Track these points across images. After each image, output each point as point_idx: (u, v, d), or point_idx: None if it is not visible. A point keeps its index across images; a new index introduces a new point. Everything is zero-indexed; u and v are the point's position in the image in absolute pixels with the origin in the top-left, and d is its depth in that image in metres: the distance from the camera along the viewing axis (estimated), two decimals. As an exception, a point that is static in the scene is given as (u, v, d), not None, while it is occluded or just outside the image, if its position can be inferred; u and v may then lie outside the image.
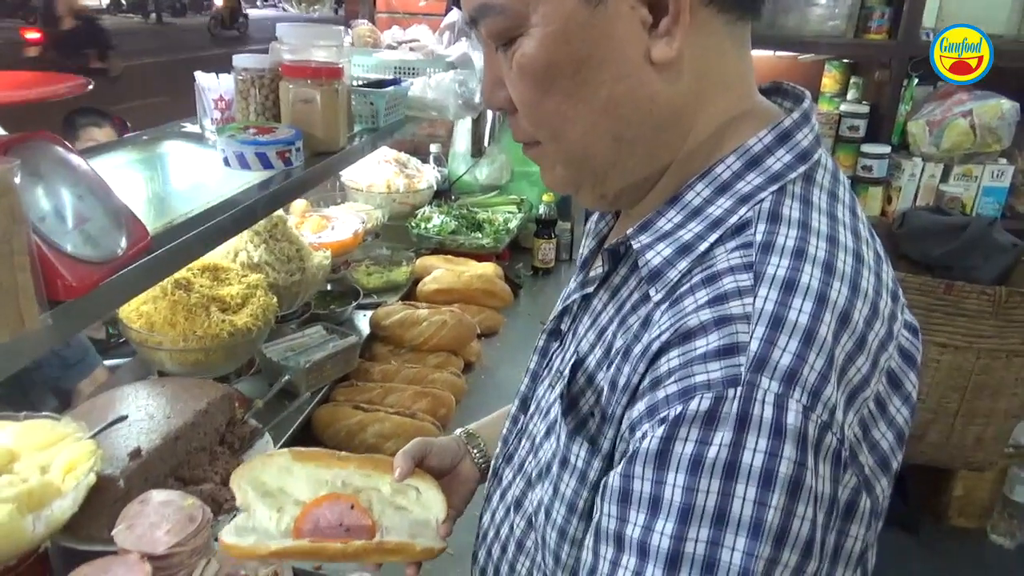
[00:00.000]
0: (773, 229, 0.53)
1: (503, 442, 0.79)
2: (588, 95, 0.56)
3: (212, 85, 1.31)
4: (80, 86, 0.63)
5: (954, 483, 2.57)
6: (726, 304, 0.50)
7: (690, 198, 0.58)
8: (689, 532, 0.46)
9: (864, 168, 2.60)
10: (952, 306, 2.18)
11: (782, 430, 0.45)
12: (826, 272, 0.51)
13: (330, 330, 1.65)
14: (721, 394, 0.46)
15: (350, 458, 0.82)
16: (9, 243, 0.61)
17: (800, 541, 0.46)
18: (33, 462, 0.93)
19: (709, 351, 0.48)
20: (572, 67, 0.55)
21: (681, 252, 0.56)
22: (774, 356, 0.47)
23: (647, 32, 0.54)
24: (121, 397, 1.18)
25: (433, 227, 2.31)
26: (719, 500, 0.45)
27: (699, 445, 0.46)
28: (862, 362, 0.51)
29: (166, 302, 1.30)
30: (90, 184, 0.78)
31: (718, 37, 0.57)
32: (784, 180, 0.56)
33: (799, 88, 0.65)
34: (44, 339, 0.66)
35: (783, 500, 0.45)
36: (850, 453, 0.49)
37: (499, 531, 0.74)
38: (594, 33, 0.54)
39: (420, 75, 1.81)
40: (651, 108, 0.57)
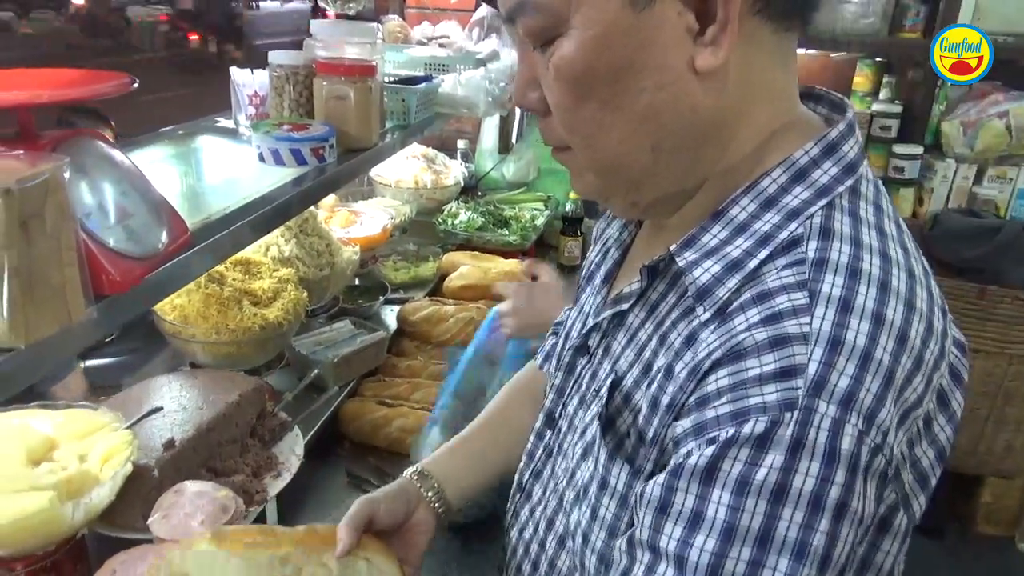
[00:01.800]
0: (826, 246, 0.52)
1: (528, 457, 0.78)
2: (627, 103, 0.54)
3: (247, 81, 1.33)
4: (126, 85, 0.63)
5: (982, 490, 2.53)
6: (782, 323, 0.49)
7: (735, 213, 0.56)
8: (731, 551, 0.46)
9: (896, 169, 2.56)
10: (984, 311, 2.15)
11: (836, 455, 0.45)
12: (881, 290, 0.50)
13: (358, 325, 1.66)
14: (778, 418, 0.46)
15: (285, 533, 0.73)
16: (58, 239, 0.63)
17: (840, 562, 0.46)
18: (72, 451, 0.95)
19: (765, 373, 0.47)
20: (612, 73, 0.53)
21: (730, 269, 0.54)
22: (832, 379, 0.46)
23: (692, 40, 0.52)
24: (155, 388, 1.19)
25: (460, 223, 2.32)
26: (764, 521, 0.45)
27: (748, 466, 0.46)
28: (918, 381, 0.50)
29: (199, 295, 1.32)
30: (132, 180, 0.80)
31: (764, 48, 0.55)
32: (832, 194, 0.55)
33: (836, 95, 0.63)
34: (89, 332, 0.68)
35: (829, 524, 0.45)
36: (895, 471, 0.49)
37: (529, 549, 0.74)
38: (637, 39, 0.52)
39: (450, 72, 1.81)
40: (692, 118, 0.55)
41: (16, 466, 0.90)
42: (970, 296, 2.13)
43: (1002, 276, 2.24)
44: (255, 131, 1.15)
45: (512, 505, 0.79)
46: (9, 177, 0.58)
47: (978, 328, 2.16)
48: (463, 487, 0.88)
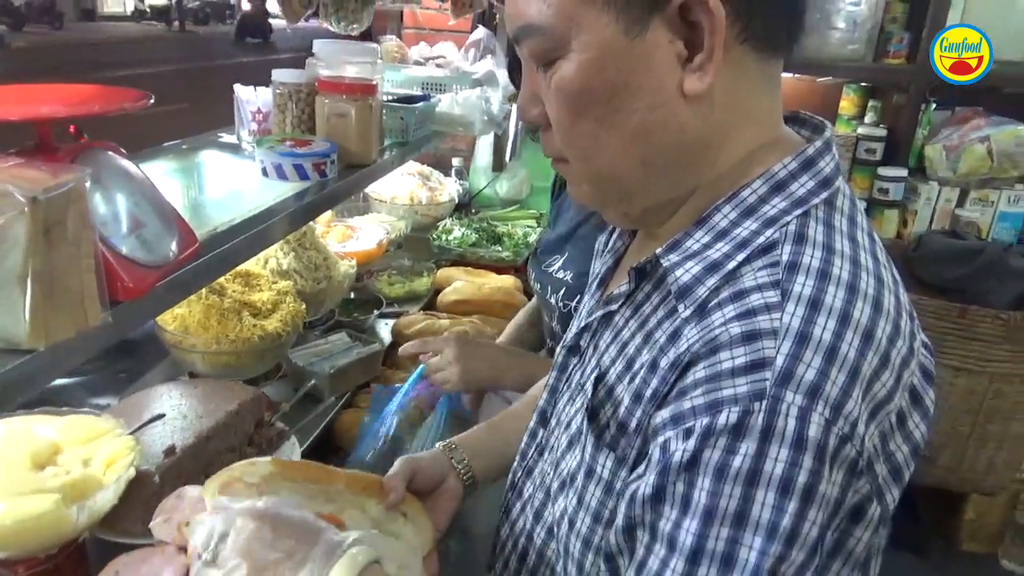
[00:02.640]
0: (799, 250, 0.56)
1: (521, 456, 0.82)
2: (620, 121, 0.59)
3: (250, 97, 1.36)
4: (143, 102, 0.65)
5: (966, 507, 2.56)
6: (754, 319, 0.53)
7: (717, 220, 0.60)
8: (711, 531, 0.50)
9: (880, 191, 2.62)
10: (966, 330, 2.19)
11: (803, 441, 0.49)
12: (849, 292, 0.54)
13: (354, 337, 1.69)
14: (748, 408, 0.50)
15: (335, 473, 0.80)
16: (78, 246, 0.66)
17: (809, 542, 0.50)
18: (76, 455, 0.97)
19: (736, 366, 0.51)
20: (607, 93, 0.58)
21: (710, 270, 0.58)
22: (799, 371, 0.50)
23: (681, 65, 0.57)
24: (155, 396, 1.21)
25: (454, 239, 2.36)
26: (740, 504, 0.49)
27: (725, 454, 0.50)
28: (887, 378, 0.53)
29: (200, 306, 1.34)
30: (144, 191, 0.83)
31: (749, 73, 0.59)
32: (808, 205, 0.59)
33: (818, 118, 0.68)
34: (104, 336, 0.71)
35: (797, 506, 0.49)
36: (867, 463, 0.52)
37: (518, 542, 0.77)
38: (630, 63, 0.56)
39: (447, 91, 1.86)
40: (681, 137, 0.59)
41: (21, 470, 0.92)
42: (952, 316, 2.18)
43: (984, 297, 2.29)
44: (259, 146, 1.18)
45: (504, 503, 0.82)
46: (35, 187, 0.61)
47: (960, 347, 2.21)
48: (488, 465, 0.94)
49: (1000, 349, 2.20)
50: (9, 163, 0.65)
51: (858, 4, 2.51)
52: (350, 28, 1.40)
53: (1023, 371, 2.23)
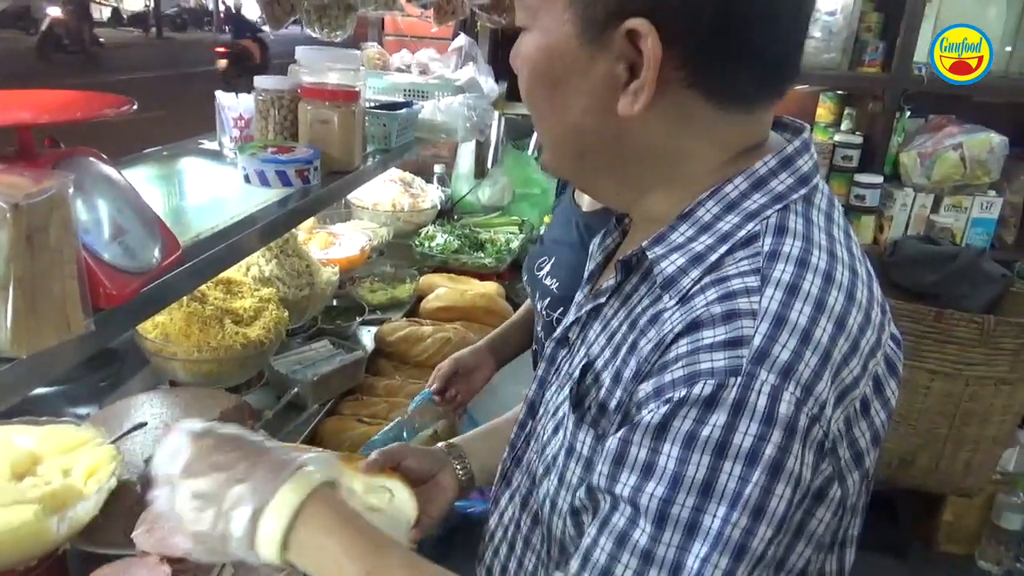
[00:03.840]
0: (780, 240, 0.58)
1: (511, 447, 0.82)
2: (558, 110, 0.63)
3: (232, 104, 1.36)
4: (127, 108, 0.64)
5: (944, 509, 2.60)
6: (735, 300, 0.55)
7: (701, 214, 0.62)
8: (677, 497, 0.51)
9: (857, 197, 2.66)
10: (942, 334, 2.23)
11: (773, 418, 0.51)
12: (825, 280, 0.56)
13: (337, 344, 1.68)
14: (723, 382, 0.51)
15: (324, 452, 0.83)
16: (60, 253, 0.65)
17: (776, 516, 0.51)
18: (56, 465, 0.96)
19: (716, 342, 0.53)
20: (550, 81, 0.62)
21: (694, 262, 0.60)
22: (774, 351, 0.52)
23: (621, 84, 0.59)
24: (136, 405, 1.21)
25: (436, 246, 2.36)
26: (707, 473, 0.51)
27: (695, 424, 0.51)
28: (855, 364, 0.56)
29: (181, 313, 1.33)
30: (127, 198, 0.82)
31: (704, 114, 0.60)
32: (787, 200, 0.61)
33: (798, 121, 0.70)
34: (87, 344, 0.70)
35: (764, 478, 0.50)
36: (832, 445, 0.54)
37: (507, 531, 0.78)
38: (574, 65, 0.60)
39: (429, 98, 1.86)
40: (617, 147, 0.63)
41: (0, 480, 0.91)
42: (928, 320, 2.21)
43: (958, 301, 2.33)
44: (241, 153, 1.18)
45: (494, 494, 0.82)
46: (17, 192, 0.60)
47: (936, 351, 2.24)
48: (486, 465, 0.94)
49: (975, 352, 2.24)
50: (-10, 169, 0.65)
51: (834, 14, 2.55)
52: (333, 35, 1.40)
53: (998, 374, 2.27)
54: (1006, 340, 2.21)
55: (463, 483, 0.93)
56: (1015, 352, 2.22)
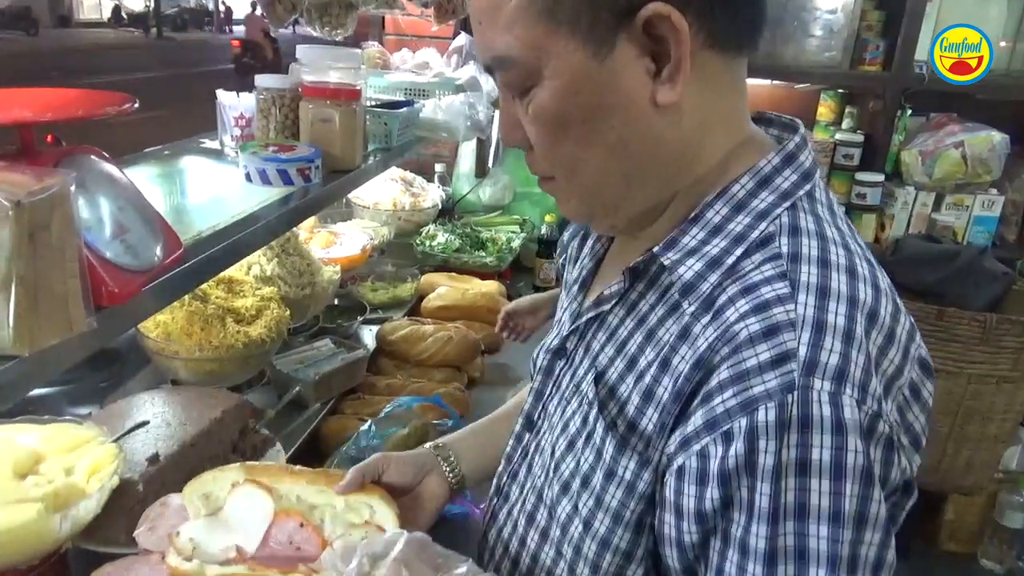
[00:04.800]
0: (797, 241, 0.58)
1: (507, 460, 0.81)
2: (599, 140, 0.60)
3: (232, 103, 1.36)
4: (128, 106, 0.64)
5: (945, 507, 2.59)
6: (770, 312, 0.54)
7: (710, 216, 0.62)
8: (779, 530, 0.51)
9: (858, 196, 2.66)
10: (944, 332, 2.22)
11: (842, 425, 0.50)
12: (850, 276, 0.56)
13: (338, 343, 1.68)
14: (783, 401, 0.51)
15: (303, 472, 0.80)
16: (62, 251, 0.65)
17: (880, 521, 0.51)
18: (58, 464, 0.95)
19: (762, 362, 0.52)
20: (583, 115, 0.59)
21: (711, 266, 0.60)
22: (822, 358, 0.51)
23: (652, 79, 0.58)
24: (138, 404, 1.20)
25: (437, 245, 2.36)
26: (797, 495, 0.50)
27: (774, 453, 0.50)
28: (893, 353, 0.55)
29: (183, 312, 1.33)
30: (129, 196, 0.82)
31: (717, 76, 0.61)
32: (793, 198, 0.61)
33: (787, 117, 0.70)
34: (89, 342, 0.70)
35: (857, 488, 0.50)
36: (897, 438, 0.53)
37: (508, 547, 0.76)
38: (602, 83, 0.58)
39: (430, 97, 1.86)
40: (658, 147, 0.61)
41: (3, 479, 0.90)
42: (930, 318, 2.21)
43: (960, 299, 2.32)
44: (242, 151, 1.18)
45: (490, 508, 0.81)
46: (20, 190, 0.60)
47: (938, 349, 2.23)
48: (477, 465, 0.92)
49: (977, 351, 2.23)
50: (-8, 167, 0.65)
51: (834, 12, 2.55)
52: (334, 33, 1.40)
53: (1000, 372, 2.27)
54: (1008, 339, 2.21)
55: (453, 486, 0.90)
56: (1017, 351, 2.22)
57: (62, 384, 1.36)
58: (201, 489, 0.79)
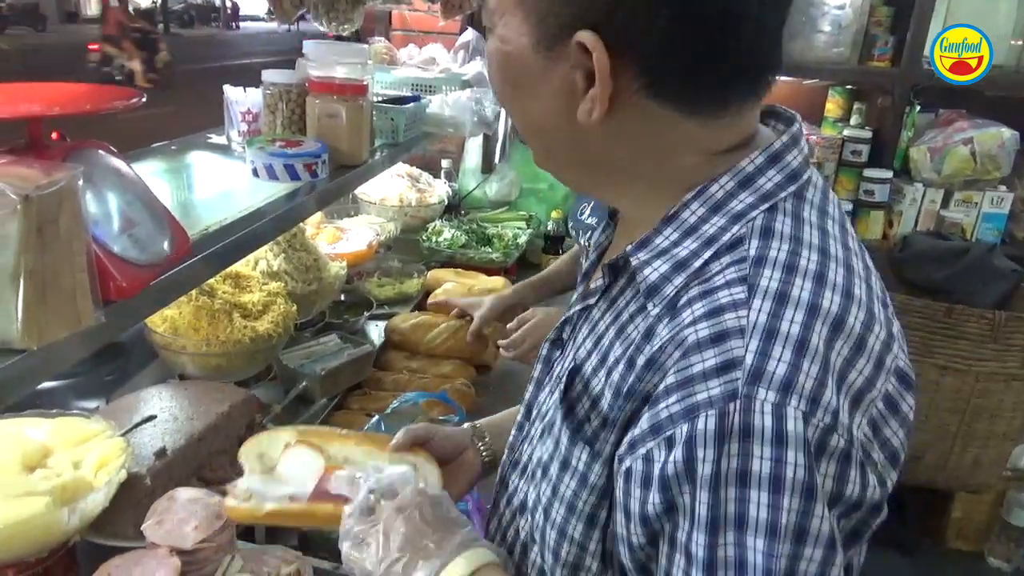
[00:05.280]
0: (766, 244, 0.56)
1: (510, 449, 0.81)
2: (523, 108, 0.64)
3: (240, 98, 1.36)
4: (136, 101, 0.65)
5: (952, 505, 2.59)
6: (721, 317, 0.53)
7: (686, 216, 0.61)
8: (718, 539, 0.50)
9: (866, 192, 2.65)
10: (952, 329, 2.22)
11: (783, 437, 0.48)
12: (817, 283, 0.54)
13: (345, 339, 1.68)
14: (724, 409, 0.49)
15: (351, 435, 0.86)
16: (70, 245, 0.65)
17: (823, 537, 0.49)
18: (66, 458, 0.96)
19: (707, 368, 0.51)
20: (511, 82, 0.63)
21: (677, 268, 0.59)
22: (769, 367, 0.50)
23: (580, 93, 0.58)
24: (146, 398, 1.21)
25: (444, 241, 2.35)
26: (737, 507, 0.49)
27: (714, 462, 0.49)
28: (862, 364, 0.53)
29: (190, 307, 1.33)
30: (137, 191, 0.82)
31: (673, 121, 0.59)
32: (775, 199, 0.59)
33: (789, 111, 0.68)
34: (97, 336, 0.70)
35: (796, 502, 0.48)
36: (864, 454, 0.52)
37: (505, 535, 0.77)
38: (532, 71, 0.60)
39: (437, 92, 1.86)
40: (582, 151, 0.63)
41: (11, 472, 0.91)
42: (938, 316, 2.20)
43: (969, 297, 2.32)
44: (249, 147, 1.18)
45: (494, 497, 0.82)
46: (28, 184, 0.60)
47: (946, 347, 2.23)
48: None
49: (985, 348, 2.22)
50: (1, 161, 0.65)
51: (843, 7, 2.54)
52: (341, 28, 1.40)
53: (1008, 370, 2.26)
54: (1017, 336, 2.20)
55: (485, 464, 0.94)
56: (1026, 348, 2.21)
57: (70, 378, 1.37)
58: (257, 448, 0.83)
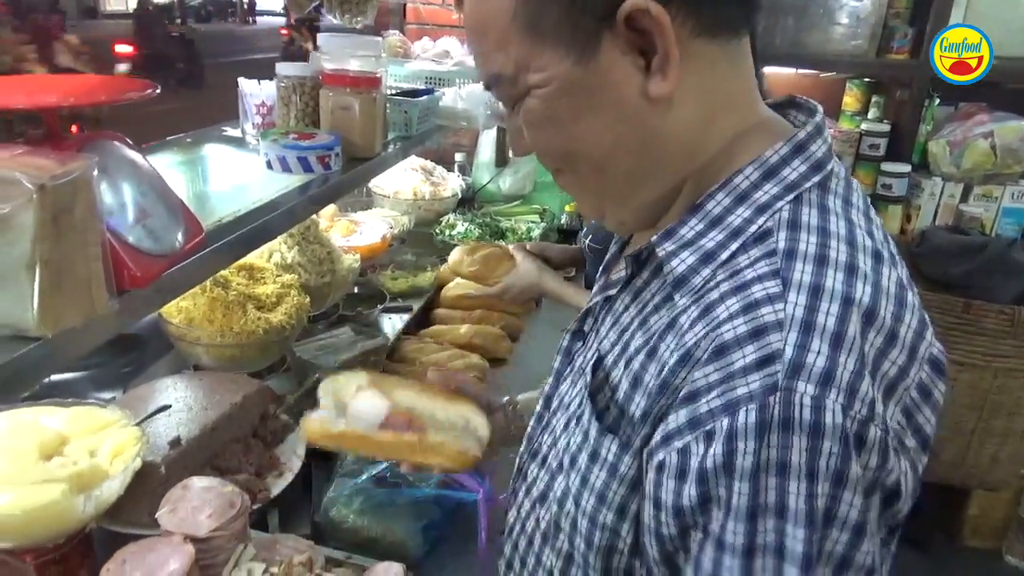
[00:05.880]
0: (795, 236, 0.57)
1: (528, 440, 0.82)
2: (594, 138, 0.61)
3: (254, 91, 1.37)
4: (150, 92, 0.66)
5: (969, 502, 2.56)
6: (758, 312, 0.53)
7: (711, 207, 0.61)
8: (757, 527, 0.50)
9: (884, 186, 2.61)
10: (970, 325, 2.19)
11: (820, 429, 0.49)
12: (848, 274, 0.54)
13: (358, 331, 1.69)
14: (764, 403, 0.50)
15: (414, 384, 0.94)
16: (85, 234, 0.66)
17: (850, 522, 0.50)
18: (82, 446, 0.97)
19: (748, 363, 0.51)
20: (573, 115, 0.60)
21: (704, 260, 0.59)
22: (808, 360, 0.50)
23: (642, 73, 0.58)
24: (161, 388, 1.22)
25: (457, 234, 2.36)
26: (777, 496, 0.50)
27: (754, 454, 0.50)
28: (896, 354, 0.54)
29: (205, 299, 1.34)
30: (151, 182, 0.83)
31: (713, 62, 0.60)
32: (800, 189, 0.60)
33: (811, 102, 0.68)
34: (111, 325, 0.71)
35: (830, 489, 0.49)
36: (899, 442, 0.52)
37: (525, 525, 0.77)
38: (590, 86, 0.58)
39: (450, 85, 1.86)
40: (657, 141, 0.61)
41: (28, 460, 0.92)
42: (956, 311, 2.18)
43: (988, 292, 2.29)
44: (263, 139, 1.19)
45: (512, 487, 0.83)
46: (43, 174, 0.61)
47: (965, 342, 2.21)
48: None
49: (1005, 344, 2.20)
50: (17, 151, 0.65)
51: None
52: (355, 21, 1.40)
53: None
54: (1036, 332, 2.17)
55: (514, 432, 0.98)
56: (1045, 344, 2.18)
57: (87, 369, 1.39)
58: (333, 387, 0.90)
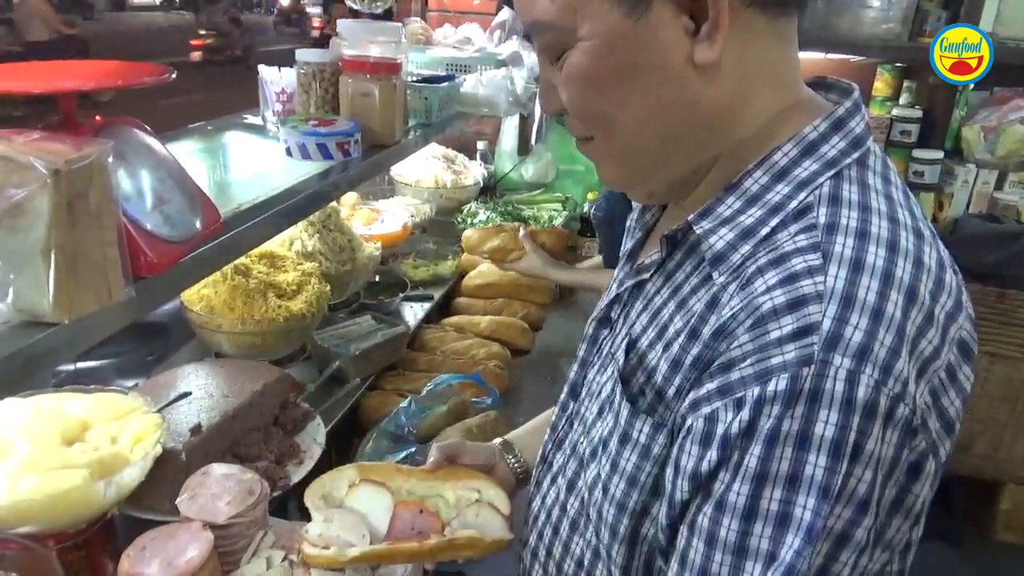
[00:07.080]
0: (835, 211, 0.55)
1: (552, 429, 0.81)
2: (635, 101, 0.59)
3: (274, 78, 1.36)
4: (166, 76, 0.66)
5: (1001, 496, 2.51)
6: (798, 283, 0.52)
7: (748, 185, 0.60)
8: (763, 492, 0.50)
9: (916, 174, 2.56)
10: (1004, 315, 2.14)
11: (852, 403, 0.48)
12: (890, 250, 0.53)
13: (379, 320, 1.69)
14: (796, 374, 0.49)
15: (412, 471, 0.87)
16: (101, 220, 0.65)
17: (856, 498, 0.49)
18: (104, 432, 0.98)
19: (784, 334, 0.51)
20: (617, 75, 0.59)
21: (743, 236, 0.58)
22: (846, 334, 0.49)
23: (690, 38, 0.56)
24: (182, 376, 1.22)
25: (479, 223, 2.34)
26: (792, 465, 0.49)
27: (777, 421, 0.50)
28: (932, 335, 0.52)
29: (226, 286, 1.34)
30: (168, 168, 0.82)
31: (761, 36, 0.59)
32: (839, 166, 0.58)
33: (844, 81, 0.67)
34: (128, 311, 0.71)
35: (848, 466, 0.49)
36: (921, 421, 0.51)
37: (550, 513, 0.77)
38: (638, 43, 0.57)
39: (472, 72, 1.84)
40: (696, 109, 0.59)
41: (50, 446, 0.93)
42: (989, 300, 2.12)
43: (1022, 281, 2.23)
44: (283, 126, 1.18)
45: (536, 477, 0.82)
46: (58, 159, 0.61)
47: (997, 333, 2.15)
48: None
49: (1039, 335, 2.14)
50: (32, 136, 0.65)
51: (894, -18, 2.44)
52: (374, 6, 1.39)
53: (1063, 358, 2.17)
54: (1073, 323, 2.11)
55: (519, 477, 0.94)
56: (1083, 335, 2.12)
57: (112, 357, 1.40)
58: (320, 491, 0.84)
